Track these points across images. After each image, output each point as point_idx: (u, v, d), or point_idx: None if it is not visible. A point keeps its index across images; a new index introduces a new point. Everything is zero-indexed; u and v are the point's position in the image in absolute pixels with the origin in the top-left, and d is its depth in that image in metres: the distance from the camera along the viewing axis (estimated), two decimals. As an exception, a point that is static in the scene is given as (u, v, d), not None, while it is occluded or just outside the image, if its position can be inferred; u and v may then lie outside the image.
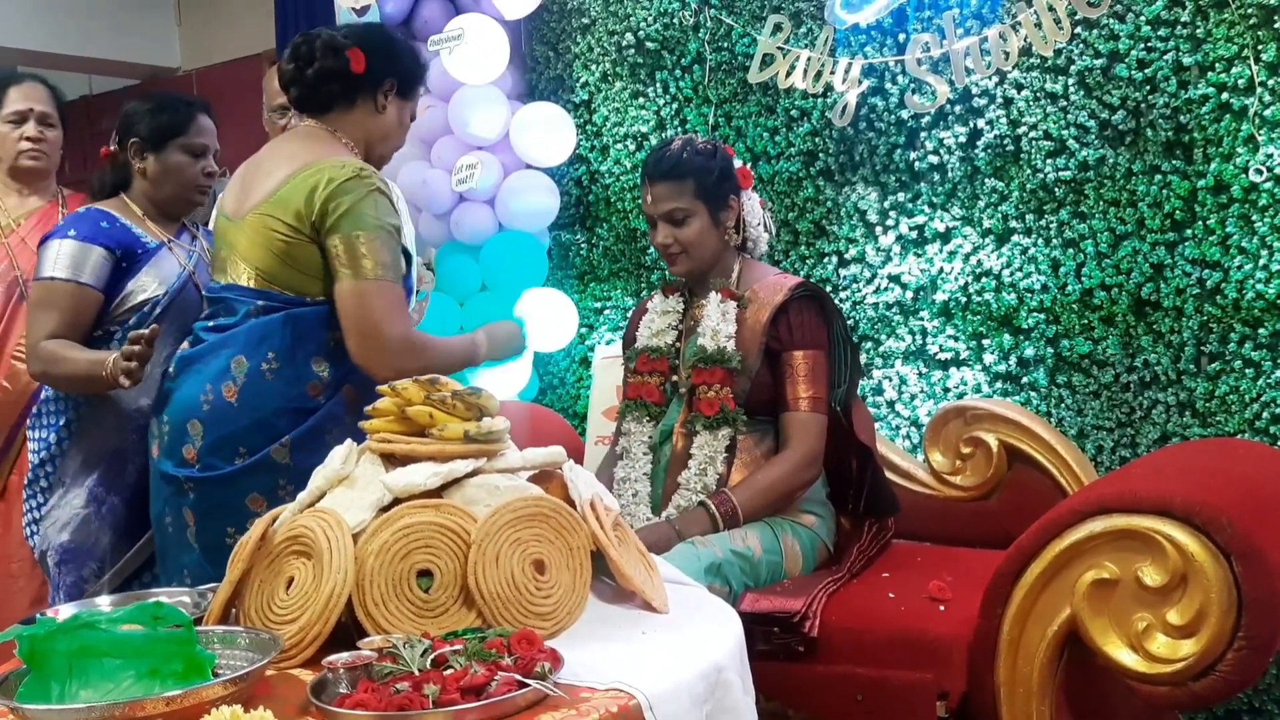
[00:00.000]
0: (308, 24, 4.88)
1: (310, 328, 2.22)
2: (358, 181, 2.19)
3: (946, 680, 2.16)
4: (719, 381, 2.46)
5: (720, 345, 2.47)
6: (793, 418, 2.47)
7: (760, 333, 2.48)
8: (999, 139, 2.91)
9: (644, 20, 3.47)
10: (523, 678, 1.39)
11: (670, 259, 2.57)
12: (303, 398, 2.21)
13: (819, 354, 2.49)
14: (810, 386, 2.47)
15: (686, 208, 2.52)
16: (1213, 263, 2.66)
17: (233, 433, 2.19)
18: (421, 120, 3.70)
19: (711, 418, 2.44)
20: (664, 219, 2.53)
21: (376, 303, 2.17)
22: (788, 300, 2.49)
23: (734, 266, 2.59)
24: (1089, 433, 2.85)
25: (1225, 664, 1.88)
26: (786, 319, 2.49)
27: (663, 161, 2.54)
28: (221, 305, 2.28)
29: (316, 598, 1.58)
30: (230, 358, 2.20)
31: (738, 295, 2.54)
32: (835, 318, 2.55)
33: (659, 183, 2.53)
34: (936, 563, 2.56)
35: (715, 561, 2.25)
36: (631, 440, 2.58)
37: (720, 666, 1.59)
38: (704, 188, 2.52)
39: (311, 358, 2.22)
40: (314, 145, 2.29)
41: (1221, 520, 1.88)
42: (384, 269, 2.18)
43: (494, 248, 3.61)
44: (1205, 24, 2.63)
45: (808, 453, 2.46)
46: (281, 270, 2.22)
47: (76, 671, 1.39)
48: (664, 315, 2.64)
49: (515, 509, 1.66)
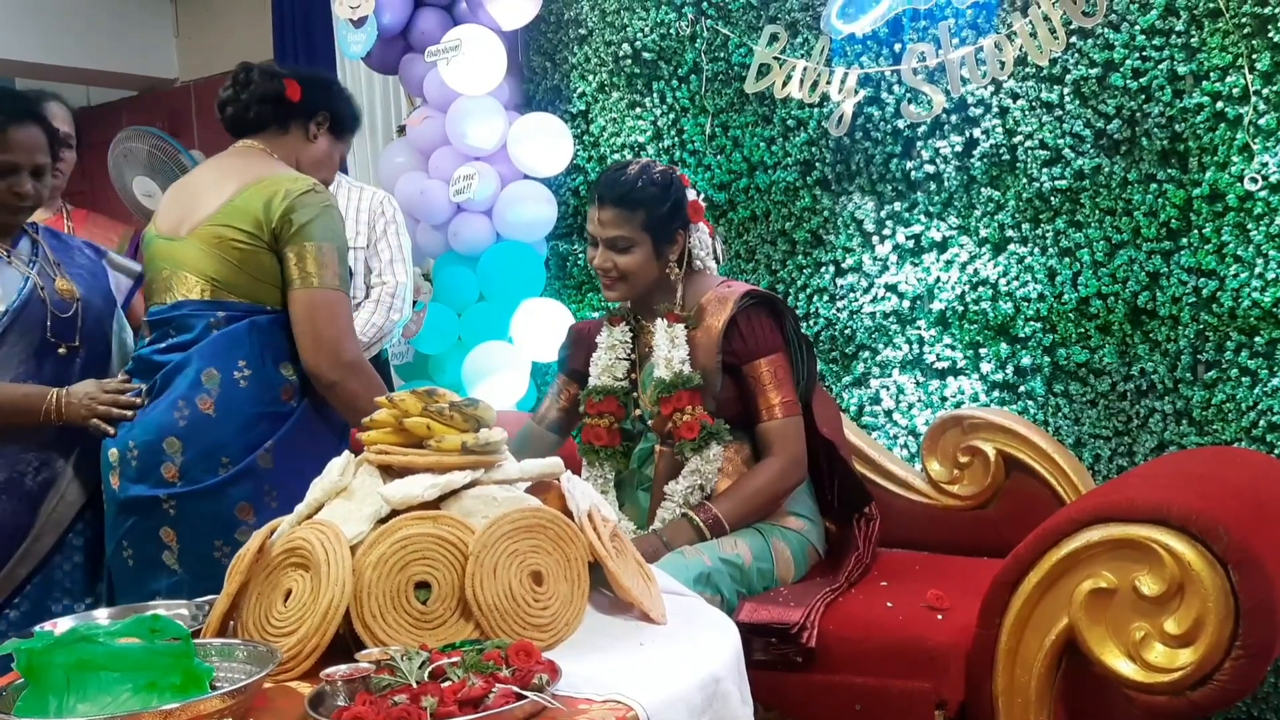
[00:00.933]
0: (305, 35, 4.90)
1: (274, 334, 2.27)
2: (314, 195, 2.29)
3: (945, 689, 2.16)
4: (688, 403, 2.44)
5: (676, 370, 2.46)
6: (769, 427, 2.46)
7: (714, 350, 2.47)
8: (995, 148, 2.92)
9: (641, 31, 3.48)
10: (520, 690, 1.39)
11: (607, 283, 2.54)
12: (276, 402, 2.26)
13: (779, 357, 2.48)
14: (779, 391, 2.46)
15: (631, 237, 2.48)
16: (1208, 271, 2.66)
17: (215, 444, 2.20)
18: (419, 131, 3.71)
19: (696, 440, 2.43)
20: (607, 244, 2.50)
21: (340, 311, 2.28)
22: (736, 313, 2.47)
23: (677, 289, 2.55)
24: (1086, 441, 2.85)
25: (1223, 673, 1.88)
26: (738, 331, 2.47)
27: (616, 186, 2.49)
28: (171, 325, 2.30)
29: (314, 610, 1.58)
30: (199, 371, 2.23)
31: (684, 317, 2.51)
32: (786, 317, 2.54)
33: (609, 207, 2.48)
34: (934, 572, 2.56)
35: (705, 571, 2.25)
36: (595, 485, 2.55)
37: (718, 677, 1.60)
38: (653, 221, 2.48)
39: (279, 363, 2.27)
40: (256, 163, 2.37)
41: (1218, 529, 1.89)
42: (341, 281, 2.28)
43: (492, 258, 3.61)
44: (1200, 33, 2.64)
45: (791, 457, 2.46)
46: (239, 279, 2.26)
47: (74, 685, 1.39)
48: (611, 349, 2.60)
49: (513, 520, 1.66)
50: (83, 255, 2.54)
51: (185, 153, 3.49)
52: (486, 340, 3.62)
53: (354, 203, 3.28)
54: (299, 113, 2.46)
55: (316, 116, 2.49)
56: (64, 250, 2.50)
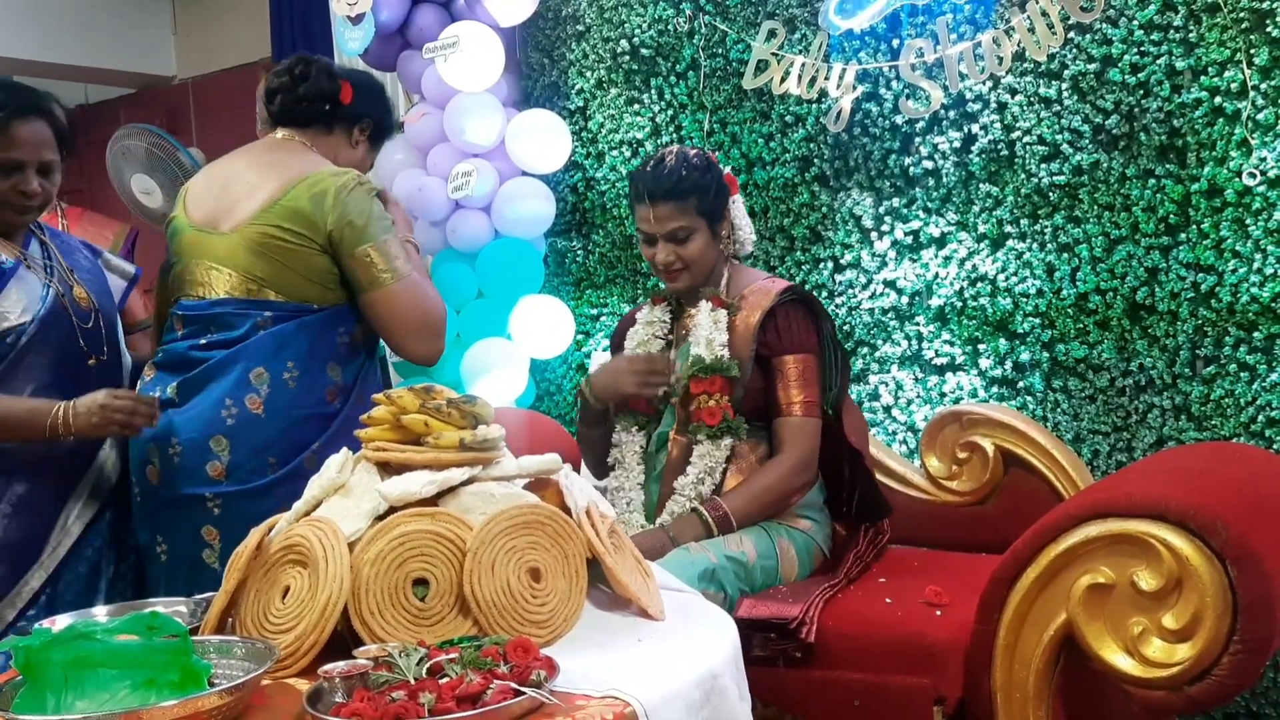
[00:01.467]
0: (304, 33, 4.89)
1: (321, 334, 2.29)
2: (361, 189, 2.29)
3: (943, 685, 2.16)
4: (718, 390, 2.46)
5: (716, 354, 2.47)
6: (786, 423, 2.47)
7: (750, 339, 2.48)
8: (993, 144, 2.92)
9: (639, 27, 3.48)
10: (518, 686, 1.39)
11: (672, 275, 2.56)
12: (323, 403, 2.28)
13: (809, 358, 2.49)
14: (802, 390, 2.47)
15: (689, 225, 2.50)
16: (1207, 266, 2.66)
17: (263, 444, 2.23)
18: (417, 128, 3.71)
19: (715, 427, 2.45)
20: (666, 238, 2.52)
21: (419, 291, 2.32)
22: (775, 305, 2.50)
23: (723, 274, 2.60)
24: (1085, 437, 2.85)
25: (1221, 668, 1.88)
26: (775, 324, 2.49)
27: (662, 180, 2.50)
28: (212, 322, 2.28)
29: (312, 607, 1.59)
30: (247, 370, 2.24)
31: (728, 303, 2.54)
32: (824, 321, 2.55)
33: (661, 202, 2.49)
34: (933, 568, 2.56)
35: (710, 567, 2.25)
36: (624, 450, 2.58)
37: (716, 673, 1.60)
38: (705, 205, 2.51)
39: (326, 363, 2.29)
40: (297, 157, 2.36)
41: (1216, 524, 1.89)
42: (405, 263, 2.31)
43: (490, 255, 3.61)
44: (1198, 28, 2.64)
45: (802, 457, 2.46)
46: (286, 277, 2.26)
47: (72, 682, 1.39)
48: (649, 326, 2.64)
49: (511, 517, 1.67)
50: (84, 256, 2.47)
51: (184, 150, 3.48)
52: (485, 337, 3.62)
53: None
54: (347, 116, 2.47)
55: (361, 122, 2.50)
56: (69, 252, 2.43)
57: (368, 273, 2.25)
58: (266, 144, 2.43)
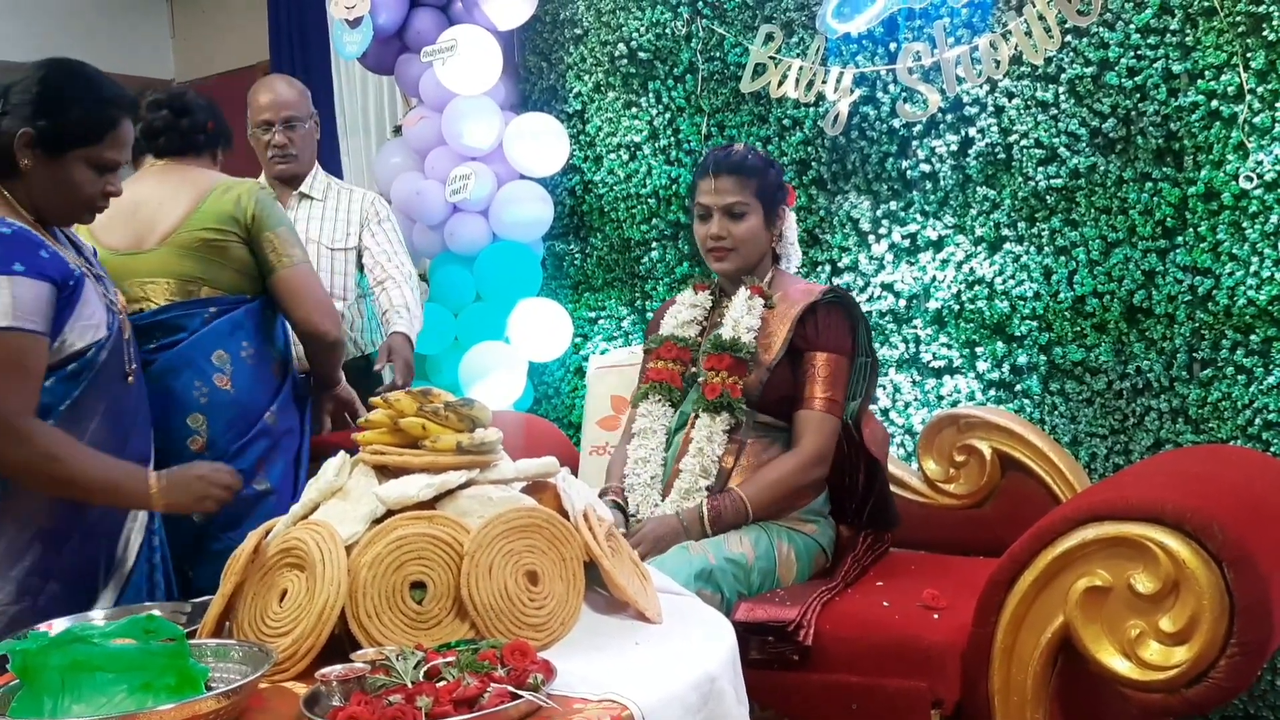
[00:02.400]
0: (300, 35, 4.89)
1: (261, 317, 2.57)
2: (264, 191, 2.60)
3: (941, 688, 2.16)
4: (726, 368, 2.48)
5: (738, 335, 2.50)
6: (807, 415, 2.48)
7: (788, 328, 2.51)
8: (990, 147, 2.92)
9: (636, 30, 3.48)
10: (515, 689, 1.39)
11: (719, 253, 2.58)
12: (270, 376, 2.59)
13: (840, 359, 2.51)
14: (828, 388, 2.49)
15: (747, 203, 2.55)
16: (1204, 269, 2.67)
17: (236, 414, 2.48)
18: (415, 131, 3.71)
19: (712, 401, 2.46)
20: (723, 211, 2.55)
21: (318, 280, 2.66)
22: (818, 301, 2.52)
23: (768, 272, 2.63)
24: (1082, 440, 2.85)
25: (1218, 670, 1.88)
26: (814, 319, 2.52)
27: (730, 157, 2.58)
28: (158, 328, 2.46)
29: (310, 610, 1.58)
30: (208, 355, 2.47)
31: (767, 294, 2.56)
32: (861, 326, 2.57)
33: (725, 176, 2.55)
34: (930, 571, 2.56)
35: (707, 568, 2.25)
36: (651, 421, 2.59)
37: (713, 676, 1.59)
38: (764, 190, 2.57)
39: (268, 342, 2.59)
40: (193, 173, 2.60)
41: (1213, 527, 1.89)
42: (305, 255, 2.61)
43: (488, 258, 3.61)
44: (1194, 32, 2.64)
45: (818, 450, 2.47)
46: (223, 274, 2.51)
47: (69, 686, 1.39)
48: (690, 309, 2.68)
49: (508, 520, 1.67)
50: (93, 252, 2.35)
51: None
52: (483, 340, 3.62)
53: (344, 205, 3.28)
54: (213, 141, 2.72)
55: (221, 143, 2.75)
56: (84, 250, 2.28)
57: (274, 256, 2.51)
58: (156, 171, 2.63)
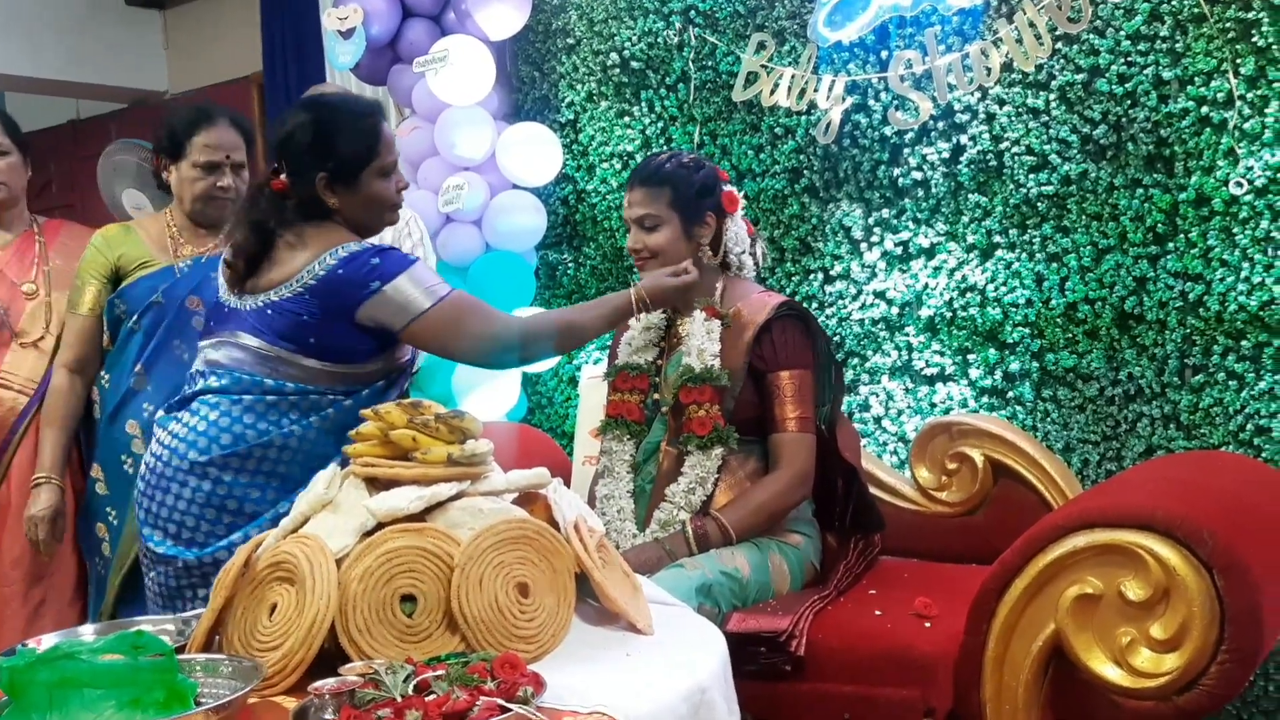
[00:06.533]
0: (294, 46, 4.90)
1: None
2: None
3: (933, 697, 2.16)
4: (708, 400, 2.46)
5: (707, 364, 2.47)
6: (782, 439, 2.47)
7: (744, 352, 2.48)
8: (982, 154, 2.93)
9: (629, 40, 3.49)
10: (505, 703, 1.39)
11: (639, 264, 2.58)
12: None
13: (804, 373, 2.49)
14: (797, 406, 2.47)
15: (658, 215, 2.52)
16: (1195, 275, 2.67)
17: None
18: (408, 142, 3.71)
19: (705, 437, 2.44)
20: (635, 223, 2.55)
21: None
22: (770, 319, 2.50)
23: (717, 285, 2.60)
24: (1075, 446, 2.85)
25: (1209, 677, 1.88)
26: (770, 338, 2.49)
27: (645, 168, 2.58)
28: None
29: (299, 624, 1.58)
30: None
31: (722, 314, 2.54)
32: (819, 336, 2.55)
33: (637, 188, 2.55)
34: (922, 579, 2.56)
35: (706, 583, 2.25)
36: (614, 459, 2.58)
37: (704, 687, 1.59)
38: (680, 198, 2.53)
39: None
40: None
41: (1203, 533, 1.89)
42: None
43: (481, 268, 3.61)
44: (1184, 38, 2.65)
45: (798, 472, 2.46)
46: None
47: (57, 702, 1.38)
48: (645, 332, 2.65)
49: (498, 532, 1.66)
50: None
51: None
52: (477, 350, 3.61)
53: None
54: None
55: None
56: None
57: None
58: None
